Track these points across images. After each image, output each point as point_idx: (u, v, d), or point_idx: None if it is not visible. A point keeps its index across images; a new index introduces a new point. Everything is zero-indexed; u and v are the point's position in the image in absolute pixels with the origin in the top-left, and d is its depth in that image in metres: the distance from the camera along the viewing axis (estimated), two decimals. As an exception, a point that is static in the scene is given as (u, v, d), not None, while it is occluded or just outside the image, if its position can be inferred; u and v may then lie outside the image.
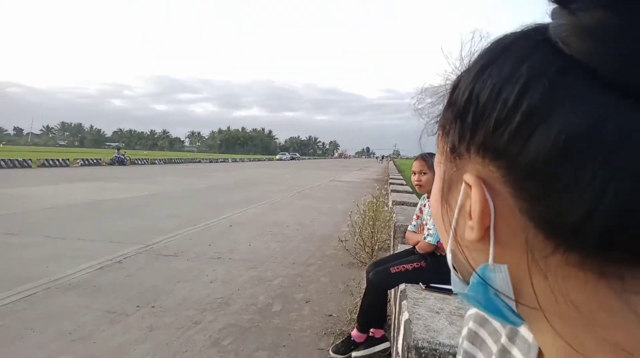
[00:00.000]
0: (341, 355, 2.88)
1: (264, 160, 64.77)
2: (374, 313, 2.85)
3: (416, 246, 2.83)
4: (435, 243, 2.65)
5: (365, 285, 3.92)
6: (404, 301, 2.41)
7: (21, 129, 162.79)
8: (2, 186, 12.76)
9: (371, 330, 2.89)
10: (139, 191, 12.86)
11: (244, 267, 5.04)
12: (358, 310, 3.01)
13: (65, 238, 6.06)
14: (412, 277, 2.70)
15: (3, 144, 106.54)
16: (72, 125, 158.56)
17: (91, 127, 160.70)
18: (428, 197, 2.94)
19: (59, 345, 2.96)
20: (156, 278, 4.48)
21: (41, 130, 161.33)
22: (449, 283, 1.55)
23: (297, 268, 5.11)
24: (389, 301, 3.32)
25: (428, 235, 2.69)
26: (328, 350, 2.97)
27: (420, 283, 2.67)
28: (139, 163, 33.37)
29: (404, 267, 2.72)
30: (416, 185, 2.87)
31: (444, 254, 2.67)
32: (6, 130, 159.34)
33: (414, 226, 3.06)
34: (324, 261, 5.46)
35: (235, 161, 52.92)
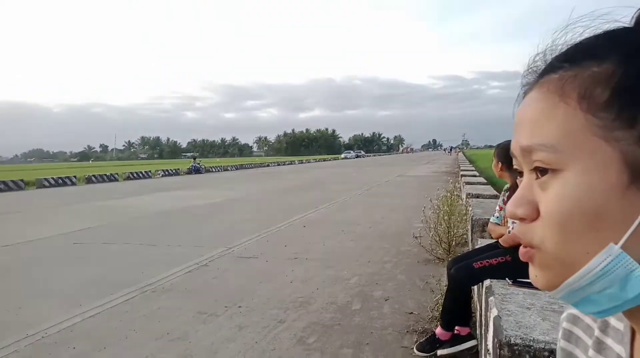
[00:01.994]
0: (426, 353, 2.86)
1: (330, 160, 65.26)
2: (458, 310, 2.80)
3: (500, 240, 2.73)
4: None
5: (446, 282, 3.85)
6: (491, 298, 2.34)
7: (106, 146, 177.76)
8: (97, 200, 14.03)
9: (456, 327, 2.84)
10: (216, 197, 13.54)
11: (321, 266, 5.14)
12: (441, 307, 2.97)
13: (155, 245, 6.55)
14: (497, 272, 2.61)
15: (92, 161, 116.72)
16: (151, 139, 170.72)
17: (168, 139, 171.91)
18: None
19: (158, 344, 3.22)
20: (240, 279, 4.71)
21: (124, 145, 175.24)
22: None
23: (373, 266, 5.12)
24: (473, 298, 3.23)
25: (513, 227, 2.58)
26: (412, 348, 2.96)
27: (507, 279, 2.57)
28: (214, 170, 35.05)
29: (487, 262, 2.64)
30: (500, 176, 2.80)
31: None
32: (94, 148, 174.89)
33: (497, 218, 2.95)
34: (399, 259, 5.42)
35: (302, 162, 53.85)
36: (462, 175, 14.07)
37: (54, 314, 3.78)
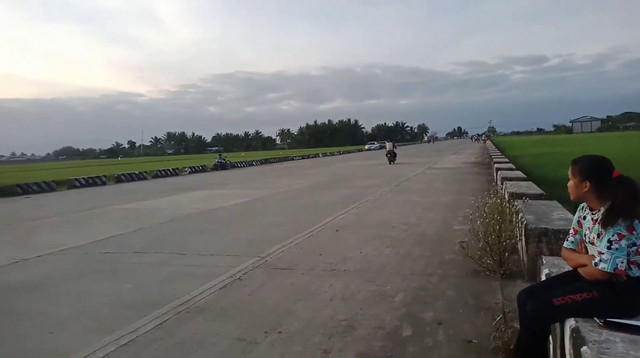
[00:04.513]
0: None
1: (353, 151, 64.70)
2: (534, 350, 2.45)
3: (582, 271, 2.36)
4: (612, 270, 2.17)
5: (504, 303, 3.47)
6: (584, 348, 1.99)
7: (134, 142, 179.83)
8: (127, 201, 14.09)
9: (531, 370, 2.49)
10: (244, 196, 13.39)
11: (361, 280, 4.83)
12: (515, 345, 2.62)
13: (186, 254, 6.38)
14: (582, 310, 2.26)
15: (120, 158, 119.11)
16: (177, 134, 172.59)
17: (193, 134, 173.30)
18: (590, 208, 2.43)
19: (198, 377, 2.98)
20: (277, 295, 4.46)
21: (151, 141, 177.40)
22: (632, 317, 1.03)
23: (417, 279, 4.78)
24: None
25: (600, 260, 2.20)
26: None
27: (596, 319, 2.21)
28: (239, 165, 35.12)
29: (570, 298, 2.28)
30: (581, 197, 2.43)
31: (622, 281, 2.15)
32: (122, 144, 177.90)
33: (572, 242, 2.57)
34: (444, 270, 5.06)
35: (326, 155, 53.51)
36: (497, 168, 13.47)
37: (86, 341, 3.60)
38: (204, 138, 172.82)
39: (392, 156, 26.88)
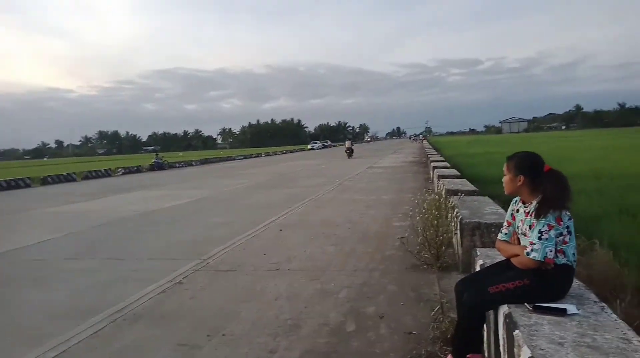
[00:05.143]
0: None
1: (296, 151, 64.78)
2: (471, 337, 2.58)
3: (515, 261, 2.52)
4: (542, 259, 2.33)
5: (442, 295, 3.63)
6: (517, 332, 2.12)
7: (62, 142, 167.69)
8: (55, 204, 13.15)
9: (468, 355, 2.62)
10: (182, 197, 12.96)
11: (305, 278, 4.85)
12: (453, 333, 2.74)
13: (123, 259, 6.07)
14: (514, 297, 2.41)
15: (47, 158, 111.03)
16: (109, 133, 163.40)
17: (127, 133, 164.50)
18: (523, 201, 2.60)
19: (137, 386, 2.85)
20: (220, 298, 4.36)
21: (80, 141, 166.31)
22: (558, 300, 1.20)
23: (360, 275, 4.87)
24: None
25: (532, 249, 2.36)
26: (420, 379, 2.72)
27: (526, 304, 2.37)
28: (177, 166, 33.97)
29: (504, 286, 2.42)
30: (515, 191, 2.58)
31: (550, 269, 2.31)
32: (48, 144, 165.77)
33: (505, 234, 2.73)
34: (386, 266, 5.19)
35: (269, 154, 53.16)
36: (434, 167, 14.05)
37: (13, 355, 3.31)
38: (139, 137, 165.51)
39: (350, 152, 33.55)
